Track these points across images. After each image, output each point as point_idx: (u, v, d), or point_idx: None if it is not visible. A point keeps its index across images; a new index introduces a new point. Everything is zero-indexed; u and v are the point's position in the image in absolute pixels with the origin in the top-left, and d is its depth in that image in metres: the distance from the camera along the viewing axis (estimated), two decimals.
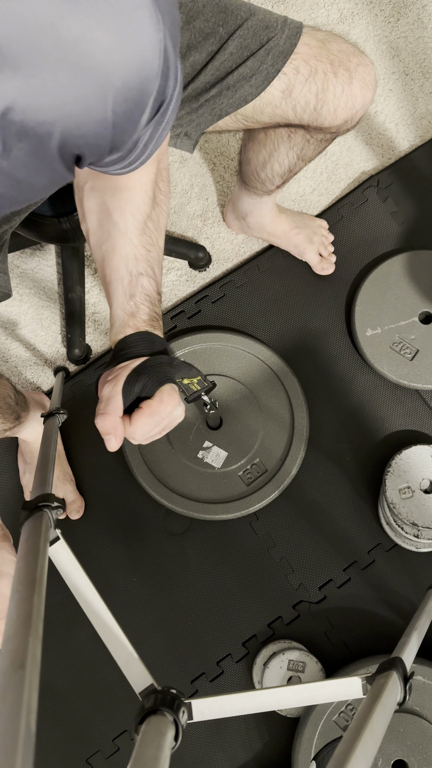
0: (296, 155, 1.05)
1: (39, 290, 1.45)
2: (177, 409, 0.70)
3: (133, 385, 0.69)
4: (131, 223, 0.73)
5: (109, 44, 0.43)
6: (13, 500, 1.34)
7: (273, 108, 0.91)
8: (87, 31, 0.42)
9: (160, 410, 0.68)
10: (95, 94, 0.45)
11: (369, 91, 0.93)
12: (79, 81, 0.44)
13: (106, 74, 0.44)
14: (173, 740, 0.53)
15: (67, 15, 0.41)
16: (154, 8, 0.45)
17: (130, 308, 0.73)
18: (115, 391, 0.69)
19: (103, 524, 1.32)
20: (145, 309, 0.74)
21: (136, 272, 0.73)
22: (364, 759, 0.50)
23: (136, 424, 0.68)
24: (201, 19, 0.85)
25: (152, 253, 0.75)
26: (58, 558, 0.70)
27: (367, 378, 1.37)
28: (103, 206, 0.74)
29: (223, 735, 1.23)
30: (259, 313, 1.41)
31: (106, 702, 1.25)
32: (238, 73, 0.87)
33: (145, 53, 0.45)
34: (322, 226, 1.41)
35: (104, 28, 0.43)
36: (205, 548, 1.31)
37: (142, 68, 0.46)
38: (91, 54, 0.43)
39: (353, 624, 1.27)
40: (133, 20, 0.44)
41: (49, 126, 0.45)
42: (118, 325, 0.74)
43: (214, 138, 1.50)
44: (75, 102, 0.44)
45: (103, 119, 0.47)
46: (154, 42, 0.45)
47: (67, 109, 0.45)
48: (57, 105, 0.44)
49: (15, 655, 0.45)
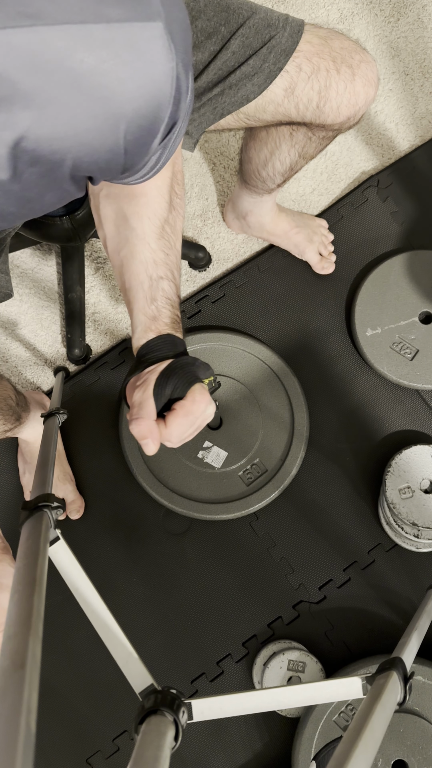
0: (298, 153, 1.05)
1: (39, 290, 1.45)
2: (209, 407, 0.70)
3: (163, 388, 0.69)
4: (149, 227, 0.73)
5: (122, 75, 0.43)
6: (13, 500, 1.34)
7: (275, 106, 0.91)
8: (100, 63, 0.42)
9: (193, 410, 0.69)
10: (108, 123, 0.45)
11: (371, 87, 0.93)
12: (92, 111, 0.44)
13: (119, 104, 0.45)
14: (173, 740, 0.53)
15: (80, 48, 0.41)
16: (167, 38, 0.45)
17: (152, 312, 0.73)
18: (147, 395, 0.69)
19: (103, 524, 1.32)
20: (167, 312, 0.74)
21: (156, 276, 0.73)
22: (364, 759, 0.50)
23: (171, 426, 0.68)
24: (203, 19, 0.85)
25: (171, 256, 0.75)
26: (58, 558, 0.70)
27: (367, 378, 1.37)
28: (120, 212, 0.74)
29: (223, 735, 1.23)
30: (259, 313, 1.41)
31: (106, 702, 1.25)
32: (240, 71, 0.87)
33: (157, 83, 0.46)
34: (322, 226, 1.42)
35: (117, 60, 0.43)
36: (205, 548, 1.31)
37: (154, 97, 0.46)
38: (104, 85, 0.43)
39: (353, 624, 1.27)
40: (146, 51, 0.44)
41: (62, 153, 0.45)
42: (140, 330, 0.73)
43: (214, 138, 1.50)
44: (88, 131, 0.45)
45: (115, 146, 0.47)
46: (167, 71, 0.46)
47: (80, 138, 0.45)
48: (70, 134, 0.44)
49: (15, 655, 0.45)
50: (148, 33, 0.44)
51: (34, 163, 0.45)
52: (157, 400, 0.69)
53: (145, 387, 0.69)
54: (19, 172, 0.45)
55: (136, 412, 0.68)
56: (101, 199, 0.75)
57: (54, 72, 0.41)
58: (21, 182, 0.46)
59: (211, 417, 0.71)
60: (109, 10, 0.42)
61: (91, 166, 0.48)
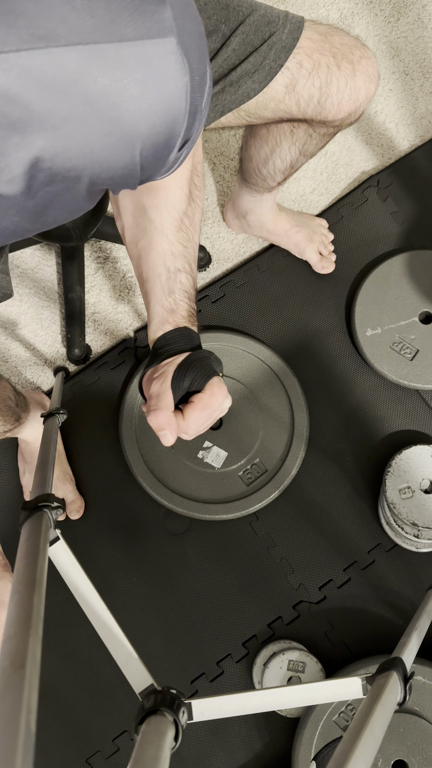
0: (298, 150, 1.05)
1: (39, 290, 1.45)
2: (226, 401, 0.70)
3: (181, 380, 0.69)
4: (167, 220, 0.73)
5: (135, 94, 0.43)
6: (13, 500, 1.34)
7: (277, 103, 0.91)
8: (113, 82, 0.42)
9: (211, 403, 0.69)
10: (123, 142, 0.45)
11: (372, 83, 0.93)
12: (106, 130, 0.44)
13: (134, 123, 0.44)
14: (173, 740, 0.53)
15: (93, 68, 0.41)
16: (180, 53, 0.44)
17: (169, 305, 0.73)
18: (165, 387, 0.69)
19: (103, 524, 1.32)
20: (184, 305, 0.74)
21: (174, 269, 0.73)
22: (364, 759, 0.50)
23: (189, 418, 0.68)
24: (203, 17, 0.85)
25: (189, 249, 0.75)
26: (58, 558, 0.70)
27: (367, 378, 1.37)
28: (138, 204, 0.74)
29: (223, 735, 1.23)
30: (259, 313, 1.41)
31: (106, 702, 1.25)
32: (240, 69, 0.87)
33: (171, 99, 0.45)
34: (322, 225, 1.42)
35: (130, 79, 0.43)
36: (205, 548, 1.31)
37: (168, 113, 0.46)
38: (118, 104, 0.43)
39: (353, 624, 1.27)
40: (159, 68, 0.44)
41: (78, 171, 0.45)
42: (157, 322, 0.73)
43: (215, 138, 1.50)
44: (103, 150, 0.45)
45: (131, 163, 0.47)
46: (180, 86, 0.45)
47: (95, 156, 0.45)
48: (85, 153, 0.44)
49: (15, 655, 0.45)
50: (161, 49, 0.43)
51: (51, 182, 0.45)
52: (175, 392, 0.69)
53: (163, 379, 0.69)
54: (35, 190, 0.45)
55: (155, 404, 0.69)
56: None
57: (67, 93, 0.41)
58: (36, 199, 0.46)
59: (226, 410, 0.71)
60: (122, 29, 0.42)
61: (108, 181, 0.48)
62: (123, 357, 1.40)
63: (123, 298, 1.44)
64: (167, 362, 0.71)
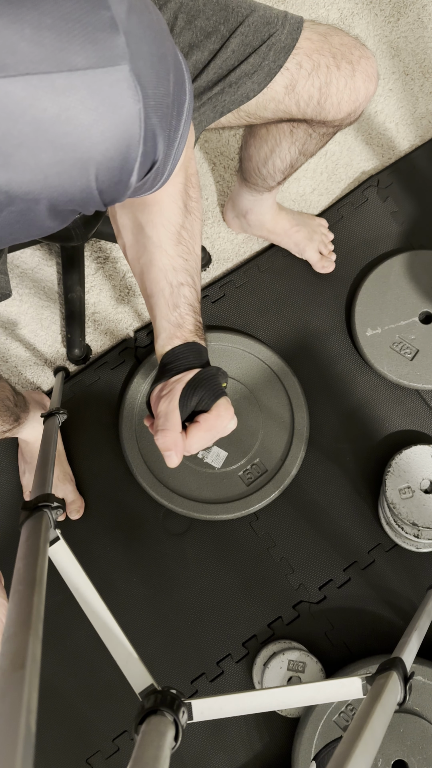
0: (298, 150, 1.05)
1: (39, 290, 1.45)
2: (231, 422, 0.70)
3: (189, 399, 0.69)
4: (164, 235, 0.73)
5: (86, 122, 0.43)
6: (13, 500, 1.34)
7: (276, 103, 0.91)
8: (63, 111, 0.42)
9: (216, 425, 0.69)
10: (76, 168, 0.45)
11: (372, 83, 0.93)
12: (59, 157, 0.44)
13: (85, 149, 0.45)
14: (173, 740, 0.53)
15: (42, 96, 0.41)
16: (133, 80, 0.45)
17: (175, 319, 0.73)
18: (172, 407, 0.69)
19: (103, 524, 1.32)
20: (191, 319, 0.74)
21: (177, 282, 0.73)
22: (364, 759, 0.50)
23: (192, 438, 0.69)
24: (202, 18, 0.85)
25: (190, 261, 0.75)
26: (58, 558, 0.70)
27: (367, 378, 1.37)
28: (135, 221, 0.74)
29: (223, 735, 1.23)
30: (259, 313, 1.41)
31: (106, 702, 1.25)
32: (240, 70, 0.87)
33: (124, 125, 0.45)
34: (322, 225, 1.42)
35: (81, 107, 0.43)
36: (205, 548, 1.31)
37: (122, 140, 0.46)
38: (69, 132, 0.43)
39: (353, 624, 1.27)
40: (110, 96, 0.44)
41: (35, 194, 0.46)
42: (164, 337, 0.73)
43: (214, 138, 1.50)
44: (57, 175, 0.45)
45: (87, 188, 0.47)
46: (133, 113, 0.45)
47: (49, 181, 0.45)
48: (39, 179, 0.45)
49: (15, 655, 0.45)
50: (112, 77, 0.44)
51: (10, 203, 0.46)
52: (182, 411, 0.69)
53: (171, 397, 0.69)
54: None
55: (162, 424, 0.69)
56: (117, 208, 0.75)
57: (17, 121, 0.42)
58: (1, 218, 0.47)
59: (231, 430, 0.71)
60: (72, 58, 0.42)
61: (69, 204, 0.48)
62: (123, 357, 1.40)
63: (123, 298, 1.44)
64: (176, 379, 0.70)
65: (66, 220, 0.52)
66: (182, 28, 0.85)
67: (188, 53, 0.86)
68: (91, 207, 0.50)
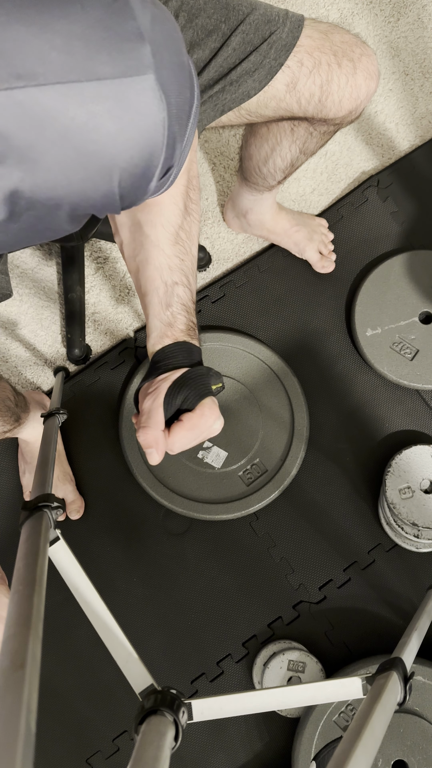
0: (299, 149, 1.05)
1: (39, 290, 1.45)
2: (216, 422, 0.70)
3: (174, 398, 0.69)
4: (162, 234, 0.74)
5: (112, 130, 0.44)
6: (13, 500, 1.34)
7: (278, 101, 0.91)
8: (90, 118, 0.43)
9: (200, 424, 0.69)
10: (101, 174, 0.46)
11: (373, 81, 0.93)
12: (84, 163, 0.45)
13: (111, 156, 0.46)
14: (173, 740, 0.53)
15: (70, 105, 0.42)
16: (158, 89, 0.45)
17: (167, 318, 0.73)
18: (156, 404, 0.69)
19: (103, 524, 1.32)
20: (183, 318, 0.74)
21: (171, 282, 0.74)
22: (364, 759, 0.50)
23: (175, 437, 0.68)
24: (203, 16, 0.85)
25: (186, 262, 0.75)
26: (58, 558, 0.70)
27: (367, 378, 1.37)
28: (134, 219, 0.74)
29: (223, 735, 1.23)
30: (259, 313, 1.41)
31: (106, 702, 1.25)
32: (241, 68, 0.87)
33: (148, 133, 0.46)
34: (322, 225, 1.42)
35: (108, 115, 0.44)
36: (205, 548, 1.31)
37: (146, 147, 0.47)
38: (95, 140, 0.44)
39: (353, 624, 1.27)
40: (136, 105, 0.45)
41: (58, 200, 0.47)
42: (155, 336, 0.74)
43: (215, 138, 1.50)
44: (81, 181, 0.46)
45: (109, 192, 0.48)
46: (158, 122, 0.46)
47: (74, 187, 0.46)
48: (63, 184, 0.45)
49: (15, 655, 0.45)
50: (138, 86, 0.44)
51: (31, 208, 0.46)
52: (166, 410, 0.69)
53: (156, 395, 0.69)
54: (17, 214, 0.46)
55: (145, 421, 0.68)
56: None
57: (46, 129, 0.42)
58: (19, 222, 0.47)
59: (217, 431, 0.71)
60: (100, 68, 0.43)
61: (89, 209, 0.49)
62: (123, 357, 1.40)
63: (123, 298, 1.44)
64: (162, 377, 0.70)
65: (81, 223, 0.52)
66: (183, 26, 0.85)
67: (189, 51, 0.86)
68: (109, 211, 0.51)
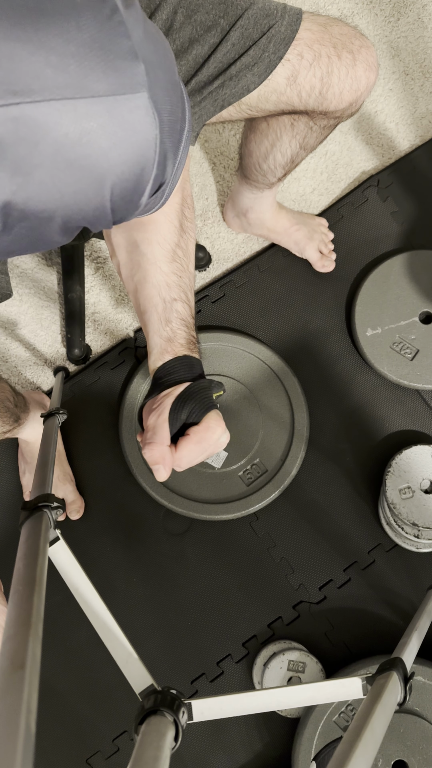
0: (299, 144, 1.06)
1: (39, 290, 1.45)
2: (223, 436, 0.70)
3: (179, 413, 0.69)
4: (159, 252, 0.74)
5: (105, 146, 0.45)
6: (13, 500, 1.34)
7: (278, 95, 0.91)
8: (83, 135, 0.44)
9: (207, 437, 0.69)
10: (93, 188, 0.47)
11: (372, 72, 0.93)
12: (76, 177, 0.46)
13: (103, 171, 0.46)
14: (173, 740, 0.53)
15: (64, 121, 0.43)
16: (150, 106, 0.46)
17: (167, 334, 0.74)
18: (161, 420, 0.69)
19: (103, 524, 1.32)
20: (182, 333, 0.74)
21: (170, 298, 0.74)
22: (364, 759, 0.50)
23: (182, 452, 0.69)
24: (202, 12, 0.85)
25: (183, 279, 0.76)
26: (58, 558, 0.70)
27: (367, 378, 1.37)
28: (130, 239, 0.75)
29: (223, 735, 1.23)
30: (259, 313, 1.41)
31: (106, 702, 1.25)
32: (240, 62, 0.87)
33: (141, 149, 0.47)
34: (322, 224, 1.42)
35: (101, 132, 0.44)
36: (205, 548, 1.31)
37: (138, 163, 0.48)
38: (88, 155, 0.45)
39: (353, 624, 1.27)
40: (129, 121, 0.45)
41: (50, 212, 0.47)
42: (156, 352, 0.74)
43: (215, 137, 1.50)
44: (74, 194, 0.47)
45: (101, 206, 0.49)
46: (150, 138, 0.47)
47: (66, 200, 0.47)
48: (55, 197, 0.46)
49: (15, 655, 0.45)
50: (131, 104, 0.45)
51: (24, 219, 0.47)
52: (171, 425, 0.69)
53: (161, 411, 0.69)
54: (10, 226, 0.47)
55: (150, 437, 0.69)
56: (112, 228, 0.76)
57: (39, 144, 0.43)
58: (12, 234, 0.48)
59: (224, 445, 0.71)
60: (94, 85, 0.43)
61: (81, 221, 0.50)
62: (123, 357, 1.40)
63: (123, 298, 1.44)
64: (165, 393, 0.71)
65: (73, 235, 0.53)
66: (182, 22, 0.85)
67: (188, 47, 0.86)
68: (101, 225, 0.52)
